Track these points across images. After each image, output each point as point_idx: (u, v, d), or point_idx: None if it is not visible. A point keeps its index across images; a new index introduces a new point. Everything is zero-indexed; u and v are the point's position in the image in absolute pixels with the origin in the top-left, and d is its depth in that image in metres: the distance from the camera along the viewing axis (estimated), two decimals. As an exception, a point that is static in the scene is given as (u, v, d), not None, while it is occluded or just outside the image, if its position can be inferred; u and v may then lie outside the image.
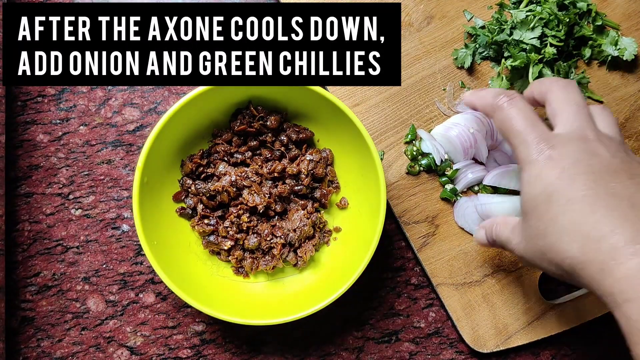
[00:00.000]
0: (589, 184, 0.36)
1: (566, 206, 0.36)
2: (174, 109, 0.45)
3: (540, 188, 0.38)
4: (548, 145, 0.39)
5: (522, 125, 0.40)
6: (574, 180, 0.37)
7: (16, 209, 0.53)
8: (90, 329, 0.53)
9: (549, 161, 0.38)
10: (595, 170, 0.37)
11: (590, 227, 0.35)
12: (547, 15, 0.51)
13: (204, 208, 0.50)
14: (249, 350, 0.53)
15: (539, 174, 0.38)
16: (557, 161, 0.38)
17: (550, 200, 0.37)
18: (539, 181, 0.38)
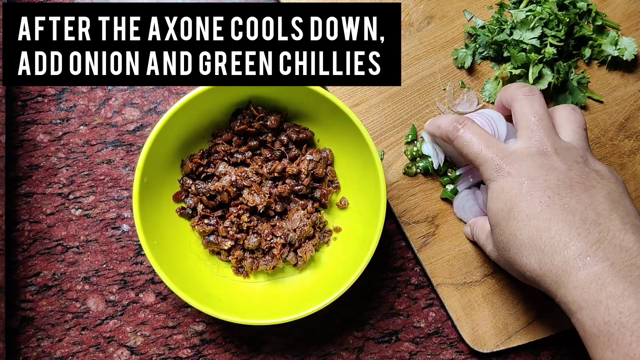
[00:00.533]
0: (545, 200, 0.38)
1: (524, 222, 0.39)
2: (174, 109, 0.45)
3: (501, 204, 0.40)
4: (506, 162, 0.41)
5: (478, 148, 0.43)
6: (531, 197, 0.39)
7: (16, 209, 0.53)
8: (90, 329, 0.53)
9: (507, 178, 0.40)
10: (552, 185, 0.39)
11: (545, 243, 0.37)
12: (547, 15, 0.51)
13: (204, 208, 0.50)
14: (249, 350, 0.53)
15: (500, 190, 0.41)
16: (515, 178, 0.40)
17: (509, 216, 0.40)
18: (500, 197, 0.41)
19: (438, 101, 0.54)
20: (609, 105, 0.54)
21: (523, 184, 0.39)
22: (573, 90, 0.54)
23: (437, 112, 0.54)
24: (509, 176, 0.40)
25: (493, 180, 0.42)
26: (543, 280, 0.38)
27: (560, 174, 0.39)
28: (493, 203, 0.41)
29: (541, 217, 0.38)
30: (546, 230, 0.38)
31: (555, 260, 0.37)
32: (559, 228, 0.37)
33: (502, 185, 0.41)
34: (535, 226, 0.38)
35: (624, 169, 0.54)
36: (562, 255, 0.36)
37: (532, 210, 0.38)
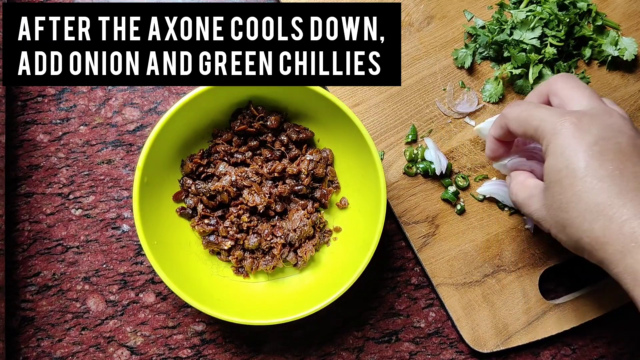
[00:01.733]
0: (617, 164, 0.36)
1: (592, 184, 0.36)
2: (174, 109, 0.45)
3: (565, 161, 0.37)
4: (573, 116, 0.38)
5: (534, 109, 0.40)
6: (602, 158, 0.36)
7: (16, 209, 0.53)
8: (90, 329, 0.53)
9: (576, 133, 0.37)
10: (624, 150, 0.37)
11: (615, 210, 0.35)
12: (547, 15, 0.51)
13: (204, 208, 0.50)
14: (249, 350, 0.53)
15: (566, 146, 0.37)
16: (584, 134, 0.37)
17: (575, 175, 0.37)
18: (565, 153, 0.37)
19: (438, 101, 0.54)
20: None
21: (592, 144, 0.37)
22: (573, 91, 0.54)
23: (437, 112, 0.54)
24: (577, 130, 0.37)
25: (556, 134, 0.38)
26: (604, 248, 0.36)
27: (630, 139, 0.37)
28: (556, 159, 0.38)
29: (613, 182, 0.36)
30: (617, 196, 0.35)
31: (624, 229, 0.35)
32: (631, 197, 0.35)
33: (568, 141, 0.37)
34: (607, 191, 0.36)
35: (624, 169, 0.54)
36: (631, 225, 0.35)
37: (602, 173, 0.36)
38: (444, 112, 0.54)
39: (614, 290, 0.53)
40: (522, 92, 0.54)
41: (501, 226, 0.53)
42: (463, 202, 0.53)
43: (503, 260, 0.53)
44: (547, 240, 0.53)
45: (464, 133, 0.54)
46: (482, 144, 0.54)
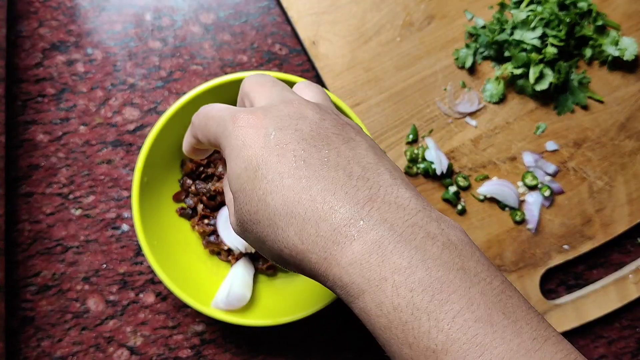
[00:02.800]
0: (300, 153, 0.29)
1: (275, 182, 0.29)
2: (174, 109, 0.45)
3: (244, 162, 0.30)
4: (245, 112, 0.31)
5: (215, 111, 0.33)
6: (282, 150, 0.29)
7: (16, 209, 0.53)
8: (90, 329, 0.53)
9: (249, 130, 0.30)
10: (305, 135, 0.30)
11: (306, 207, 0.28)
12: (548, 15, 0.51)
13: (204, 208, 0.50)
14: (249, 350, 0.53)
15: (241, 145, 0.30)
16: (257, 130, 0.30)
17: (256, 176, 0.30)
18: (242, 154, 0.30)
19: (439, 101, 0.54)
20: (609, 106, 0.54)
21: (270, 135, 0.30)
22: (574, 90, 0.54)
23: (438, 111, 0.54)
24: (250, 126, 0.30)
25: (229, 135, 0.31)
26: (307, 257, 0.28)
27: (313, 124, 0.30)
28: (234, 163, 0.31)
29: (297, 174, 0.29)
30: (305, 190, 0.28)
31: (321, 230, 0.27)
32: (321, 187, 0.28)
33: (243, 139, 0.30)
34: (291, 186, 0.28)
35: (624, 169, 0.54)
36: (329, 221, 0.27)
37: (284, 166, 0.29)
38: (445, 112, 0.54)
39: (615, 291, 0.53)
40: (522, 92, 0.54)
41: (502, 226, 0.53)
42: (464, 202, 0.53)
43: (504, 260, 0.53)
44: (548, 241, 0.53)
45: (465, 133, 0.54)
46: (483, 144, 0.54)
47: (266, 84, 0.34)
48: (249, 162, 0.30)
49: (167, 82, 0.55)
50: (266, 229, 0.30)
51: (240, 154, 0.30)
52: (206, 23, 0.56)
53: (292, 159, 0.29)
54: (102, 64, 0.55)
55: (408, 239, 0.26)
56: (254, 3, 0.56)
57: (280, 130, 0.30)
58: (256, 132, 0.30)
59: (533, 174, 0.53)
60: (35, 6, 0.56)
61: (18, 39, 0.55)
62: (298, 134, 0.30)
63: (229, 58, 0.56)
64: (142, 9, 0.56)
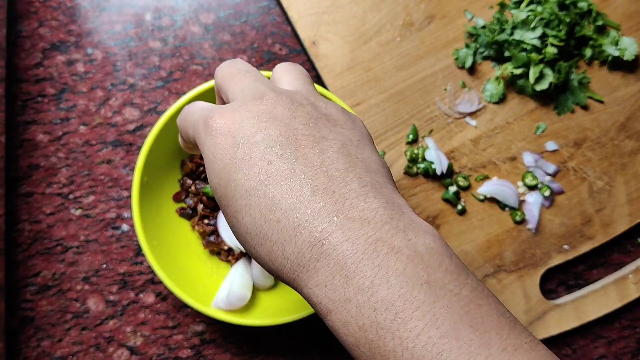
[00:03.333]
0: (265, 166, 0.28)
1: (244, 201, 0.28)
2: (174, 109, 0.45)
3: (217, 176, 0.30)
4: (218, 115, 0.30)
5: (192, 111, 0.33)
6: (248, 164, 0.28)
7: (16, 209, 0.53)
8: (91, 329, 0.53)
9: (219, 137, 0.29)
10: (272, 142, 0.28)
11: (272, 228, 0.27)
12: (548, 15, 0.51)
13: (204, 208, 0.50)
14: (249, 350, 0.53)
15: (212, 157, 0.30)
16: (227, 135, 0.29)
17: (227, 193, 0.29)
18: (215, 166, 0.30)
19: (439, 101, 0.54)
20: (609, 106, 0.54)
21: (238, 146, 0.29)
22: (574, 90, 0.54)
23: (438, 111, 0.54)
24: (221, 134, 0.29)
25: (203, 144, 0.30)
26: (280, 276, 0.28)
27: (282, 126, 0.29)
28: (209, 175, 0.30)
29: (262, 192, 0.28)
30: (270, 210, 0.27)
31: (287, 252, 0.27)
32: (285, 206, 0.27)
33: (213, 151, 0.29)
34: (258, 207, 0.28)
35: (624, 169, 0.54)
36: (294, 244, 0.27)
37: (251, 183, 0.28)
38: (445, 112, 0.54)
39: (615, 291, 0.53)
40: (522, 92, 0.54)
41: (502, 226, 0.53)
42: (464, 202, 0.53)
43: (504, 261, 0.53)
44: (548, 241, 0.53)
45: (465, 133, 0.54)
46: (483, 144, 0.54)
47: (236, 75, 0.33)
48: (220, 177, 0.29)
49: (167, 82, 0.55)
50: (243, 243, 0.30)
51: (212, 168, 0.30)
52: (206, 23, 0.56)
53: (258, 174, 0.28)
54: (102, 64, 0.55)
55: (371, 256, 0.25)
56: (254, 3, 0.56)
57: (247, 139, 0.29)
58: (225, 141, 0.29)
59: (533, 174, 0.53)
60: (35, 6, 0.55)
61: (18, 39, 0.55)
62: (265, 142, 0.28)
63: (229, 58, 0.56)
64: (142, 9, 0.56)
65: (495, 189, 0.53)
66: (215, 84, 0.34)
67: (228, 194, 0.29)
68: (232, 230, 0.30)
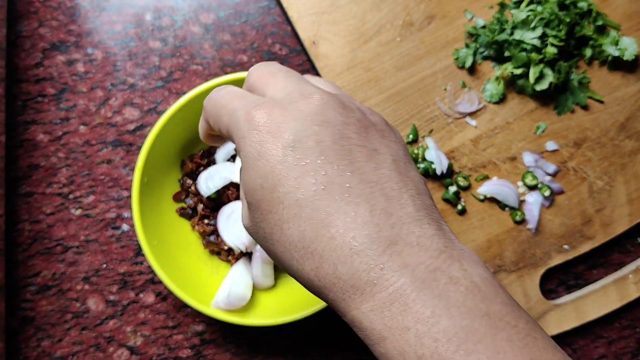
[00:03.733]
0: (320, 176, 0.26)
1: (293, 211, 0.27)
2: (174, 109, 0.45)
3: (261, 177, 0.27)
4: (265, 109, 0.28)
5: (227, 99, 0.30)
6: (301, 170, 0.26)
7: (16, 209, 0.53)
8: (91, 329, 0.53)
9: (266, 134, 0.27)
10: (327, 151, 0.27)
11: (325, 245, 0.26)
12: (548, 15, 0.51)
13: (204, 208, 0.50)
14: (249, 350, 0.53)
15: (257, 154, 0.27)
16: (276, 134, 0.27)
17: (272, 198, 0.27)
18: (258, 167, 0.27)
19: (439, 101, 0.54)
20: (609, 106, 0.54)
21: (289, 149, 0.27)
22: (574, 90, 0.54)
23: (438, 111, 0.54)
24: (266, 133, 0.27)
25: (243, 138, 0.28)
26: (324, 293, 0.27)
27: (336, 132, 0.27)
28: (249, 174, 0.28)
29: (316, 205, 0.26)
30: (324, 226, 0.26)
31: (339, 271, 0.26)
32: (341, 224, 0.26)
33: (258, 148, 0.27)
34: (309, 219, 0.26)
35: (624, 169, 0.54)
36: (348, 265, 0.25)
37: (303, 193, 0.26)
38: (445, 112, 0.54)
39: (615, 291, 0.53)
40: (522, 92, 0.54)
41: (502, 226, 0.53)
42: (464, 202, 0.53)
43: (504, 260, 0.53)
44: (548, 241, 0.53)
45: (465, 133, 0.54)
46: (483, 144, 0.54)
47: (278, 73, 0.30)
48: (265, 179, 0.27)
49: (167, 82, 0.55)
50: (281, 254, 0.28)
51: (255, 166, 0.27)
52: (206, 23, 0.56)
53: (312, 184, 0.26)
54: (102, 64, 0.55)
55: (430, 286, 0.25)
56: (254, 3, 0.56)
57: (300, 142, 0.27)
58: (273, 140, 0.27)
59: (533, 174, 0.53)
60: (35, 6, 0.56)
61: (18, 39, 0.55)
62: (319, 148, 0.27)
63: (229, 58, 0.56)
64: (142, 9, 0.56)
65: (495, 189, 0.53)
66: (247, 84, 0.32)
67: (273, 199, 0.27)
68: (269, 238, 0.28)
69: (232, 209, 0.48)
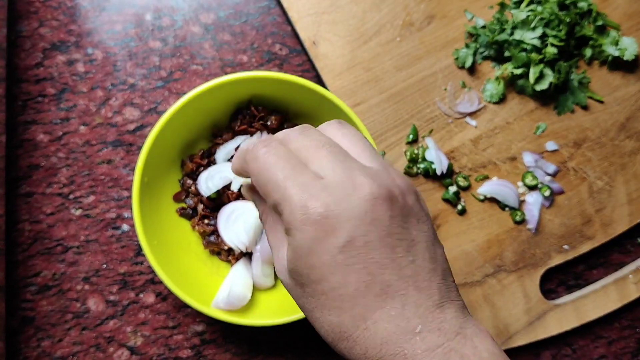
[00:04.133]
0: (365, 277, 0.30)
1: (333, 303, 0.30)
2: (174, 109, 0.45)
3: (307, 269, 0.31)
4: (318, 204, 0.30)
5: (282, 174, 0.31)
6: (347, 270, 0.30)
7: (16, 209, 0.53)
8: (91, 329, 0.53)
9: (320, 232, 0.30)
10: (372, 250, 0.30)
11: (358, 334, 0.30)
12: (548, 15, 0.51)
13: (204, 208, 0.50)
14: (249, 350, 0.53)
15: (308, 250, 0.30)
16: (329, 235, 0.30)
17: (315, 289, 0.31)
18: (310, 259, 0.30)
19: (439, 101, 0.54)
20: (609, 106, 0.54)
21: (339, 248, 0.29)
22: (574, 90, 0.54)
23: (438, 111, 0.54)
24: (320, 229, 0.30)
25: (295, 229, 0.30)
26: None
27: (382, 230, 0.30)
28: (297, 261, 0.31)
29: (358, 302, 0.30)
30: (362, 319, 0.30)
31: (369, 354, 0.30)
32: (376, 318, 0.30)
33: (311, 245, 0.30)
34: (349, 312, 0.30)
35: (624, 169, 0.54)
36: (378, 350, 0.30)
37: (347, 290, 0.30)
38: (445, 112, 0.54)
39: (615, 291, 0.53)
40: (522, 92, 0.54)
41: (502, 226, 0.53)
42: (464, 202, 0.53)
43: (504, 261, 0.53)
44: (548, 241, 0.53)
45: (465, 133, 0.54)
46: (483, 144, 0.54)
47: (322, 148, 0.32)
48: (312, 270, 0.30)
49: (167, 82, 0.55)
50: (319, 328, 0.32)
51: (305, 258, 0.30)
52: (206, 23, 0.56)
53: (356, 282, 0.30)
54: (103, 64, 0.55)
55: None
56: (254, 3, 0.56)
57: (350, 243, 0.30)
58: (326, 239, 0.30)
59: (533, 174, 0.53)
60: (35, 6, 0.56)
61: (18, 39, 0.55)
62: (367, 248, 0.30)
63: (229, 58, 0.56)
64: (142, 9, 0.56)
65: (495, 189, 0.53)
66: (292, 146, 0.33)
67: (316, 290, 0.31)
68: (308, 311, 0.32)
69: (232, 209, 0.48)
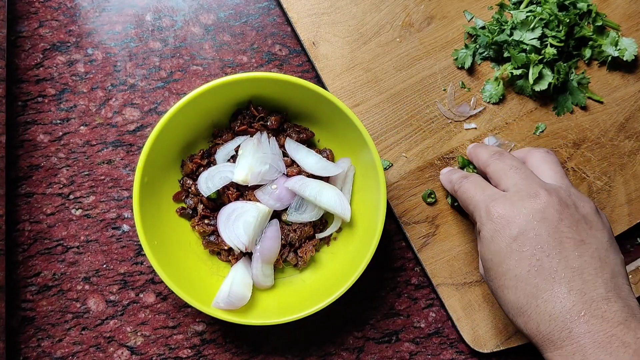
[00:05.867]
0: (534, 262, 0.38)
1: (512, 282, 0.39)
2: (174, 109, 0.45)
3: (490, 254, 0.40)
4: (499, 205, 0.40)
5: (472, 191, 0.44)
6: (520, 256, 0.39)
7: (16, 209, 0.53)
8: (91, 329, 0.53)
9: (498, 227, 0.40)
10: (542, 242, 0.38)
11: (532, 310, 0.38)
12: (548, 16, 0.51)
13: (204, 208, 0.50)
14: (249, 350, 0.53)
15: (490, 239, 0.40)
16: (505, 230, 0.39)
17: (499, 271, 0.40)
18: (491, 247, 0.40)
19: (438, 101, 0.54)
20: (609, 106, 0.54)
21: (514, 238, 0.39)
22: (573, 91, 0.54)
23: (437, 112, 0.54)
24: (499, 223, 0.40)
25: (483, 225, 0.41)
26: (528, 337, 0.39)
27: (551, 227, 0.39)
28: (484, 249, 0.41)
29: (529, 282, 0.38)
30: (533, 297, 0.38)
31: (540, 328, 0.38)
32: (546, 298, 0.38)
33: (492, 234, 0.40)
34: (523, 291, 0.38)
35: (624, 169, 0.54)
36: (547, 325, 0.37)
37: (520, 271, 0.39)
38: (444, 113, 0.54)
39: (614, 291, 0.53)
40: (522, 92, 0.54)
41: (501, 226, 0.53)
42: (463, 203, 0.53)
43: (503, 261, 0.53)
44: (547, 241, 0.53)
45: (464, 134, 0.54)
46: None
47: (511, 169, 0.43)
48: (494, 255, 0.40)
49: (167, 82, 0.55)
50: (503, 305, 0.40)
51: (488, 247, 0.40)
52: (206, 24, 0.56)
53: (527, 266, 0.38)
54: (103, 65, 0.55)
55: (605, 347, 0.35)
56: (254, 4, 0.57)
57: (522, 235, 0.39)
58: (503, 230, 0.39)
59: (532, 174, 0.53)
60: (35, 6, 0.56)
61: (18, 39, 0.55)
62: (537, 240, 0.38)
63: (229, 59, 0.56)
64: (143, 10, 0.56)
65: None
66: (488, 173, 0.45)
67: (498, 272, 0.40)
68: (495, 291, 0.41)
69: (232, 209, 0.48)
